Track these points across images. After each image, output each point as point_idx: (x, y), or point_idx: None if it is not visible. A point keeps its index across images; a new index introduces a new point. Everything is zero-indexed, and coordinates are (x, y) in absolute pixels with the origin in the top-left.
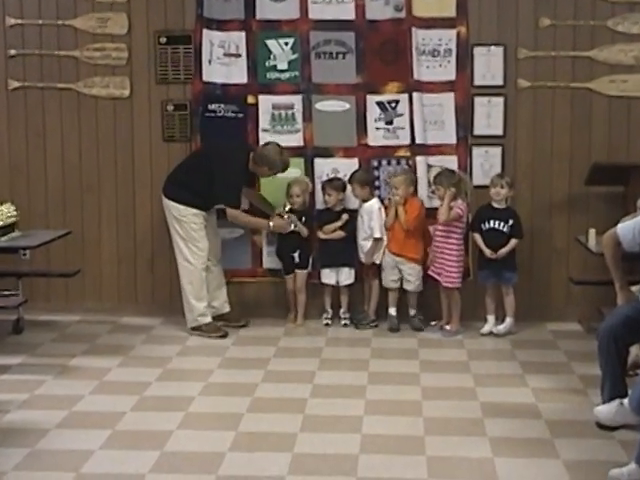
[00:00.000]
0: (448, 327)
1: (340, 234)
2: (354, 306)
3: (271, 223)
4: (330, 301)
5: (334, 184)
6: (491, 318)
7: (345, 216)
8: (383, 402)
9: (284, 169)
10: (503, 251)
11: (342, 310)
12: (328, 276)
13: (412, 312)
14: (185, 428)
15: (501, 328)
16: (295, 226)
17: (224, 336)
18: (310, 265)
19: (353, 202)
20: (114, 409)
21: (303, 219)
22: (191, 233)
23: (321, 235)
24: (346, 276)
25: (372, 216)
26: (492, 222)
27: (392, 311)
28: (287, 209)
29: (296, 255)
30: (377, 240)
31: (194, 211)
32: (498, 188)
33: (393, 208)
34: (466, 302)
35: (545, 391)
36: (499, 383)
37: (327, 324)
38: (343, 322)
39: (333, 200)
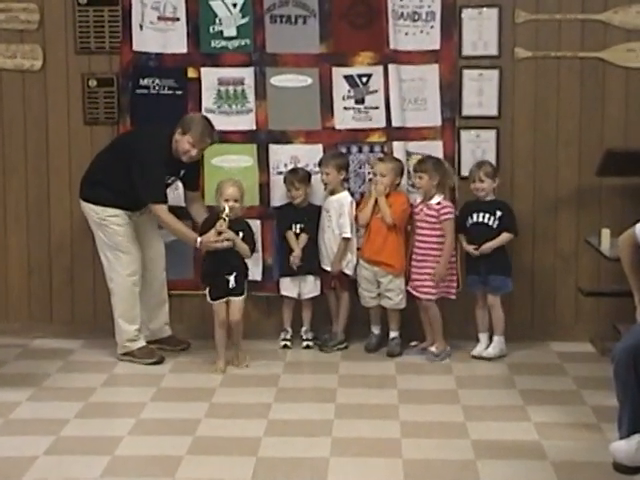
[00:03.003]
0: (434, 349)
1: (304, 240)
2: (319, 324)
3: (199, 239)
4: (290, 318)
5: (301, 175)
6: (483, 337)
7: (304, 237)
8: (353, 441)
9: (212, 140)
10: (488, 246)
11: (304, 328)
12: (288, 287)
13: (393, 334)
14: (111, 475)
15: (490, 350)
16: (233, 245)
17: (159, 362)
18: (246, 290)
19: (319, 198)
20: (23, 453)
21: (241, 234)
22: (115, 238)
23: (291, 243)
24: (310, 287)
25: (343, 210)
26: (476, 215)
27: (375, 329)
28: (226, 214)
29: (232, 278)
30: (347, 240)
31: (114, 211)
32: (477, 183)
33: (373, 199)
34: (454, 318)
35: (550, 426)
36: (495, 417)
37: (285, 346)
38: (305, 343)
39: (302, 194)
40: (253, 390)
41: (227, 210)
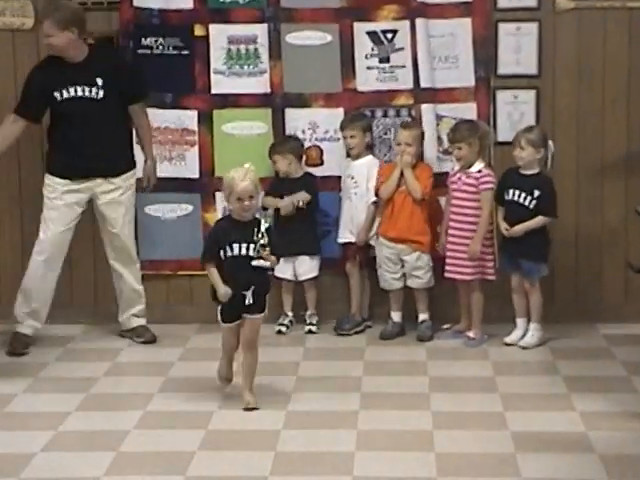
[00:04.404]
0: (472, 334)
1: (305, 197)
2: (338, 306)
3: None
4: (291, 301)
5: (287, 147)
6: (521, 322)
7: (302, 196)
8: (381, 433)
9: (56, 11)
10: (519, 228)
11: (308, 312)
12: (282, 268)
13: (422, 317)
14: (116, 474)
15: (528, 339)
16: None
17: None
18: (267, 307)
19: (337, 165)
20: (19, 450)
21: (263, 240)
22: (43, 210)
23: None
24: (306, 268)
25: (372, 174)
26: (512, 192)
27: (396, 317)
28: (265, 226)
29: (249, 294)
30: (375, 205)
31: (46, 177)
32: (517, 149)
33: (398, 171)
34: (492, 299)
35: (598, 416)
36: (536, 406)
37: (280, 331)
38: (307, 328)
39: (283, 167)
40: (270, 379)
41: (265, 224)
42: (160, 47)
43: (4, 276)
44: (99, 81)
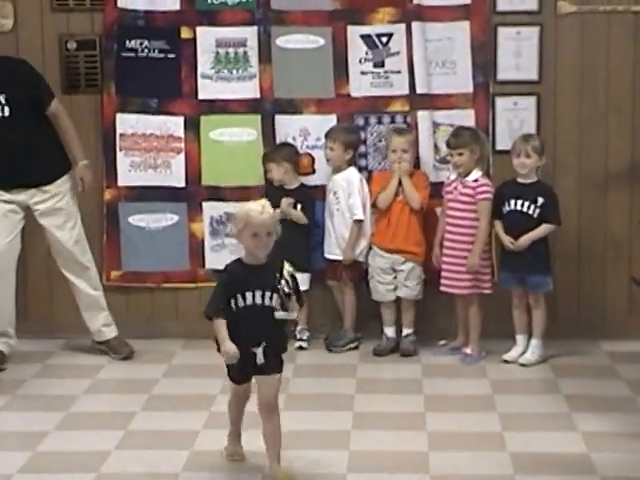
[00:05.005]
0: (469, 350)
1: (301, 218)
2: (328, 321)
3: None
4: None
5: (277, 154)
6: (521, 339)
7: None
8: (374, 454)
9: None
10: (525, 238)
11: (299, 327)
12: None
13: (407, 331)
14: None
15: (528, 357)
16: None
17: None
18: (282, 365)
19: (324, 176)
20: None
21: (285, 287)
22: None
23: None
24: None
25: (352, 189)
26: (514, 202)
27: (389, 331)
28: (289, 270)
29: (259, 351)
30: (359, 223)
31: None
32: (522, 158)
33: (396, 180)
34: (490, 314)
35: (601, 437)
36: (536, 426)
37: None
38: (298, 344)
39: (278, 176)
40: None
41: (288, 268)
42: (145, 50)
43: None
44: (1, 99)
